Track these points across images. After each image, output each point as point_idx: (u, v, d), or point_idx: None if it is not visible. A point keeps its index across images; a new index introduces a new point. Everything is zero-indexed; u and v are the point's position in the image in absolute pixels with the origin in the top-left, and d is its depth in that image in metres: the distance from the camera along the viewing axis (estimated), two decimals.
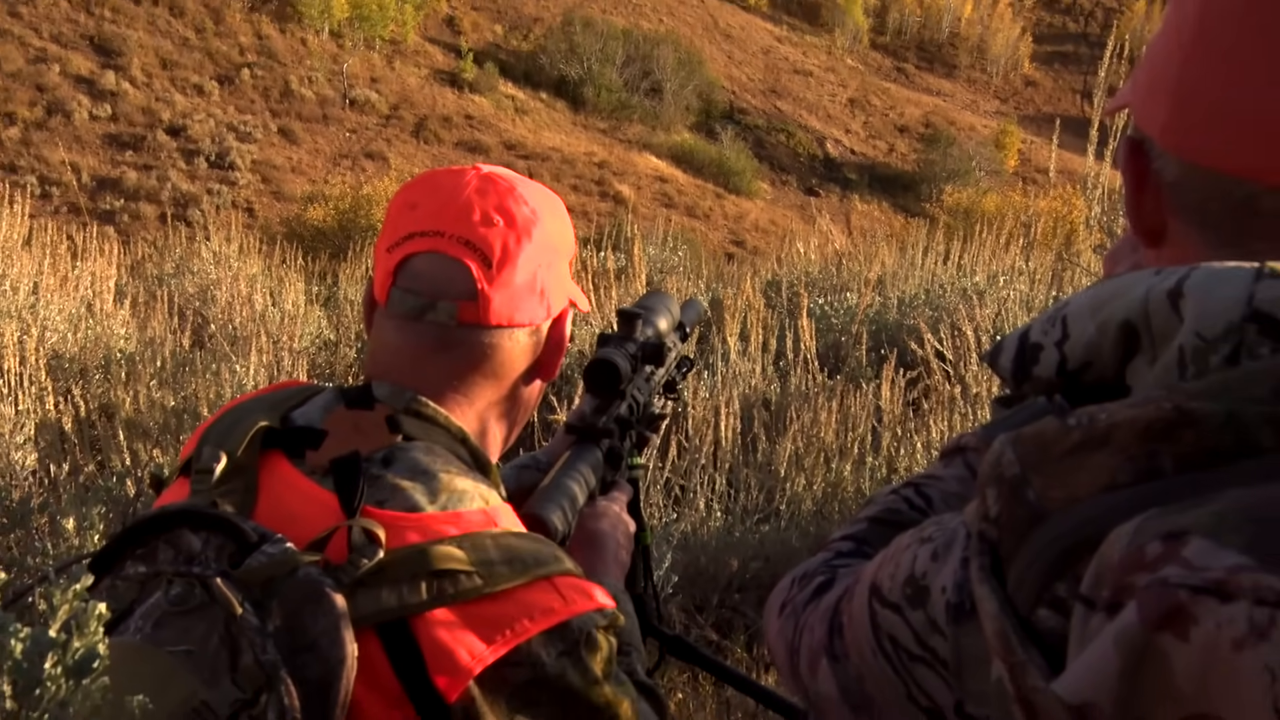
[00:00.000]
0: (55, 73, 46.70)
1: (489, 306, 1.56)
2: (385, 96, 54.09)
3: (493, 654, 1.34)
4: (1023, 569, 0.80)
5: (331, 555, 1.33)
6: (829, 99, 70.56)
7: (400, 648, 1.32)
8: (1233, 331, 0.81)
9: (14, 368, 3.74)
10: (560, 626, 1.39)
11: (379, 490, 1.40)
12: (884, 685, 1.02)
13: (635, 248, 7.92)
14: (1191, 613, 0.66)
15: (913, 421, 3.96)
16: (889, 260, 7.24)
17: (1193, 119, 0.95)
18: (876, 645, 1.02)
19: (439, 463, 1.47)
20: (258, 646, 1.23)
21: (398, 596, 1.32)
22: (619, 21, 67.23)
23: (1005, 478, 0.82)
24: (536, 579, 1.40)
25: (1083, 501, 0.78)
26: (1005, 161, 63.51)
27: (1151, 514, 0.72)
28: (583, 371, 1.97)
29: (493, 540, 1.39)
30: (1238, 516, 0.69)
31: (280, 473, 1.47)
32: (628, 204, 44.37)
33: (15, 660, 1.06)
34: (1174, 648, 0.67)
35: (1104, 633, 0.71)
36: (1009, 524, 0.82)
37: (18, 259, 5.56)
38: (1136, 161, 1.03)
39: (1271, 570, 0.65)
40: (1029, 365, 0.95)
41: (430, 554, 1.34)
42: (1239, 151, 0.93)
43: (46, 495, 3.41)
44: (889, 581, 1.00)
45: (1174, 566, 0.68)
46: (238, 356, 4.55)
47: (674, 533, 3.53)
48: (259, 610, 1.26)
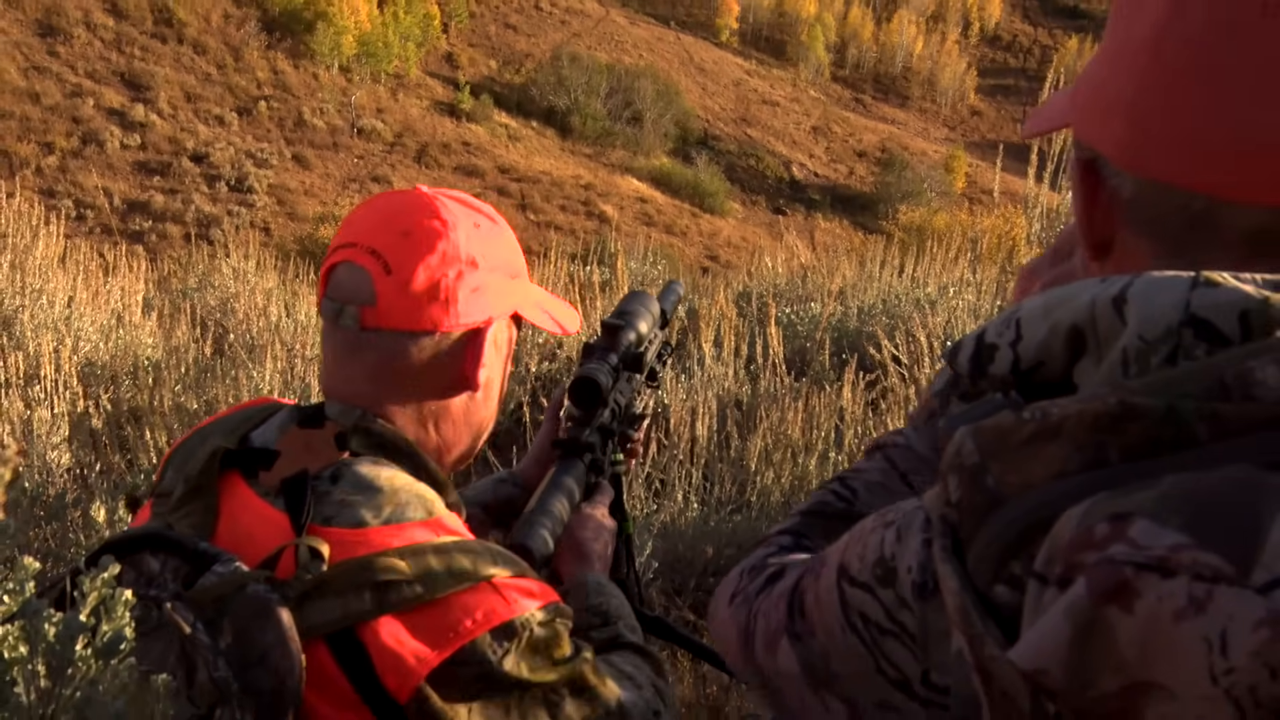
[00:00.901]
0: (90, 106, 46.62)
1: (385, 310, 1.51)
2: (390, 125, 54.08)
3: (439, 656, 1.31)
4: (981, 549, 0.80)
5: (281, 571, 1.31)
6: (794, 127, 70.71)
7: (349, 655, 1.30)
8: (1171, 334, 0.82)
9: (50, 374, 3.73)
10: (504, 626, 1.36)
11: (326, 507, 1.37)
12: (852, 660, 1.02)
13: (618, 262, 7.91)
14: (1135, 587, 0.67)
15: (872, 420, 3.97)
16: (849, 273, 7.25)
17: (1152, 138, 0.94)
18: (846, 623, 1.01)
19: (383, 477, 1.43)
20: (210, 664, 1.21)
21: (343, 607, 1.29)
22: (603, 57, 67.30)
23: (966, 466, 0.83)
24: (478, 583, 1.37)
25: (1036, 487, 0.78)
26: (954, 183, 63.79)
27: (1100, 498, 0.72)
28: (567, 389, 1.95)
29: (434, 550, 1.36)
30: (1178, 499, 0.69)
31: (238, 493, 1.45)
32: (611, 222, 44.43)
33: (49, 642, 1.06)
34: (1119, 619, 0.67)
35: (1056, 605, 0.71)
36: (969, 508, 0.82)
37: (54, 275, 5.54)
38: (1088, 179, 1.02)
39: (1209, 548, 0.66)
40: (985, 364, 0.94)
41: (373, 565, 1.32)
42: (1198, 168, 0.92)
43: (80, 491, 3.39)
44: (858, 563, 1.00)
45: (1120, 545, 0.69)
46: (254, 363, 4.54)
47: (654, 523, 3.53)
48: (210, 629, 1.24)
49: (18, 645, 1.05)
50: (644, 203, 51.71)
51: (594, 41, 73.19)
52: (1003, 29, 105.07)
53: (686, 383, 4.50)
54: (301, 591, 1.28)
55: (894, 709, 1.00)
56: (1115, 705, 0.69)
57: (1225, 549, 0.66)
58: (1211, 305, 0.82)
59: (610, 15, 79.54)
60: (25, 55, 47.65)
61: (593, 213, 47.96)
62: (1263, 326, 0.80)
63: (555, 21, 75.58)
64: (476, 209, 1.64)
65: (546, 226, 42.64)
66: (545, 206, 47.67)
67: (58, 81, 47.34)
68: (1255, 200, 0.91)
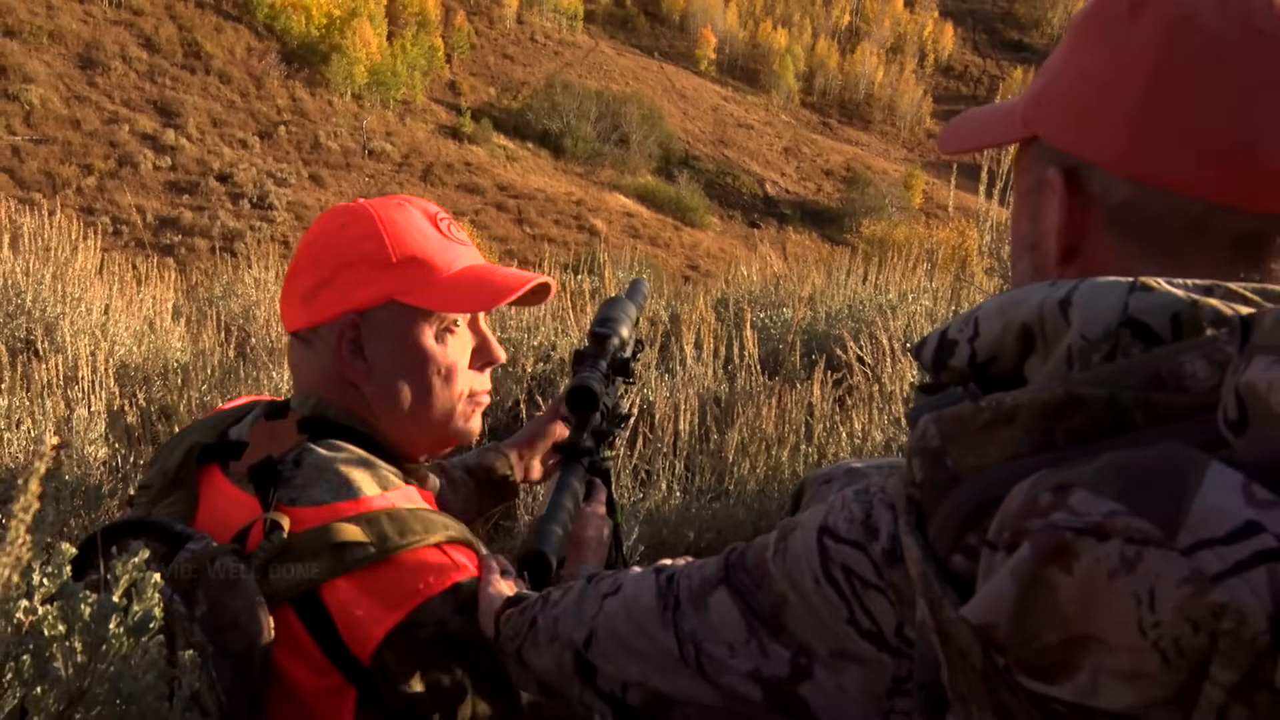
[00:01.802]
0: (125, 131, 46.52)
1: (283, 314, 1.56)
2: (398, 147, 54.05)
3: (395, 617, 1.32)
4: (941, 522, 0.83)
5: (250, 546, 1.33)
6: (767, 148, 70.76)
7: (315, 619, 1.32)
8: (1110, 334, 0.84)
9: (88, 376, 3.71)
10: (454, 587, 1.37)
11: (290, 490, 1.39)
12: (819, 609, 1.02)
13: (607, 272, 7.89)
14: (1074, 549, 0.68)
15: (839, 415, 3.96)
16: (818, 281, 7.24)
17: (1155, 146, 0.95)
18: (824, 574, 1.02)
19: (339, 458, 1.44)
20: (188, 631, 1.23)
21: (303, 570, 1.31)
22: (593, 84, 67.35)
23: (929, 449, 0.84)
24: (428, 545, 1.37)
25: (991, 468, 0.80)
26: (912, 200, 63.94)
27: (1045, 472, 0.74)
28: (565, 397, 1.95)
29: (387, 516, 1.37)
30: (1113, 472, 0.71)
31: (215, 482, 1.47)
32: (601, 235, 44.45)
33: (84, 621, 1.06)
34: (1059, 579, 0.69)
35: (1003, 567, 0.73)
36: (930, 486, 0.84)
37: (92, 285, 5.53)
38: (1070, 185, 1.02)
39: (1139, 514, 0.67)
40: (946, 358, 0.96)
41: (330, 530, 1.33)
42: (1199, 175, 0.94)
43: (115, 482, 3.38)
44: (845, 524, 1.01)
45: (1061, 512, 0.70)
46: (274, 365, 4.53)
47: (640, 510, 3.53)
48: (186, 599, 1.26)
49: (56, 624, 1.05)
50: (631, 217, 51.74)
51: (584, 70, 73.16)
52: (955, 60, 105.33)
53: (670, 381, 4.49)
54: (265, 560, 1.30)
55: (856, 659, 1.00)
56: (1057, 657, 0.70)
57: (1154, 515, 0.67)
58: (1146, 308, 0.84)
59: (599, 47, 79.55)
60: (67, 85, 47.50)
61: (584, 226, 47.96)
62: (1192, 326, 0.83)
63: (549, 52, 75.55)
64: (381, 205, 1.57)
65: (541, 239, 42.67)
66: (540, 221, 47.69)
67: (96, 109, 47.18)
68: (1248, 206, 0.93)
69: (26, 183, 40.08)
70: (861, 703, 1.00)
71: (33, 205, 6.34)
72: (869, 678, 1.00)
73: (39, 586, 1.06)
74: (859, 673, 1.00)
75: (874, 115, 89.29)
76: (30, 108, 44.63)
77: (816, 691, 1.03)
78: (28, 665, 1.04)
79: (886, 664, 0.98)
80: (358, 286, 1.51)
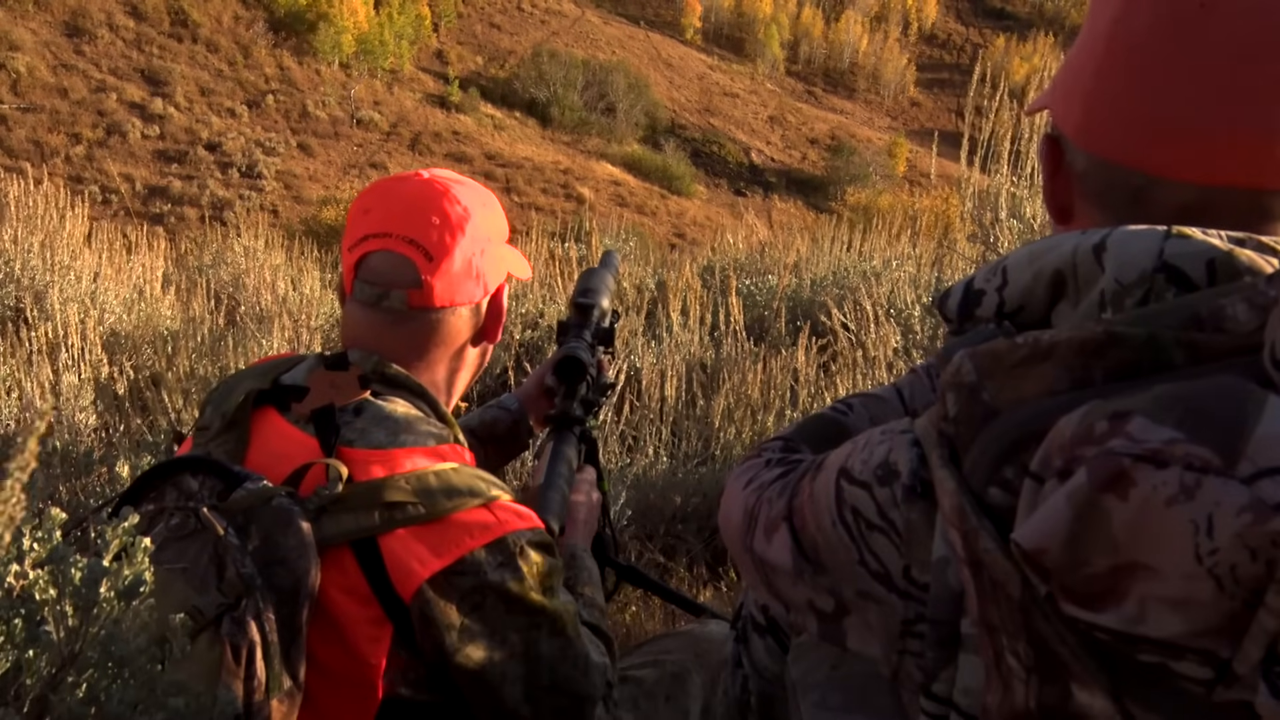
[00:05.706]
0: (113, 100, 46.12)
1: (433, 292, 1.61)
2: (386, 116, 53.70)
3: (440, 563, 1.40)
4: (976, 456, 0.83)
5: (304, 489, 1.41)
6: (752, 116, 70.53)
7: (369, 559, 1.39)
8: (1145, 279, 0.85)
9: (77, 343, 3.70)
10: (498, 541, 1.45)
11: (350, 433, 1.47)
12: (838, 550, 1.04)
13: (593, 240, 7.90)
14: (1132, 476, 0.69)
15: (823, 380, 3.97)
16: (803, 248, 7.24)
17: (1100, 120, 0.98)
18: (838, 516, 1.03)
19: (399, 411, 1.52)
20: (238, 562, 1.28)
21: (355, 522, 1.38)
22: (579, 53, 66.94)
23: (964, 384, 0.85)
24: (474, 506, 1.45)
25: (1028, 403, 0.81)
26: (896, 168, 63.81)
27: (1097, 401, 0.74)
28: (554, 367, 2.04)
29: (435, 476, 1.45)
30: (1171, 400, 0.71)
31: (271, 422, 1.54)
32: (588, 203, 44.32)
33: (75, 585, 1.07)
34: (1115, 506, 0.69)
35: (1057, 493, 0.73)
36: (965, 420, 0.85)
37: (81, 254, 5.50)
38: (1053, 154, 1.06)
39: (1200, 442, 0.68)
40: (973, 307, 0.97)
41: (382, 487, 1.41)
42: (1137, 149, 0.96)
43: (105, 449, 3.38)
44: (861, 465, 1.02)
45: (1119, 439, 0.70)
46: (263, 333, 4.51)
47: (628, 475, 3.54)
48: (240, 533, 1.32)
49: (47, 588, 1.06)
50: (617, 185, 51.57)
51: (571, 39, 72.75)
52: (938, 29, 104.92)
53: (656, 348, 4.49)
54: (319, 506, 1.37)
55: (873, 599, 1.02)
56: (1104, 584, 0.71)
57: (1214, 443, 0.67)
58: (1182, 253, 0.85)
59: (585, 15, 79.05)
60: (54, 54, 47.07)
61: (571, 195, 47.80)
62: (1227, 273, 0.84)
63: (536, 21, 75.06)
64: (475, 189, 1.72)
65: (529, 208, 42.52)
66: (528, 189, 47.51)
67: (84, 78, 46.78)
68: (1185, 178, 0.94)
69: (14, 151, 39.78)
70: (884, 641, 1.02)
71: (21, 174, 6.29)
72: (885, 617, 1.01)
73: (29, 551, 1.06)
74: (878, 612, 1.02)
75: (858, 84, 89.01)
76: (17, 76, 44.23)
77: (853, 627, 1.06)
78: (19, 629, 1.04)
79: (896, 605, 0.99)
80: (504, 260, 1.71)
